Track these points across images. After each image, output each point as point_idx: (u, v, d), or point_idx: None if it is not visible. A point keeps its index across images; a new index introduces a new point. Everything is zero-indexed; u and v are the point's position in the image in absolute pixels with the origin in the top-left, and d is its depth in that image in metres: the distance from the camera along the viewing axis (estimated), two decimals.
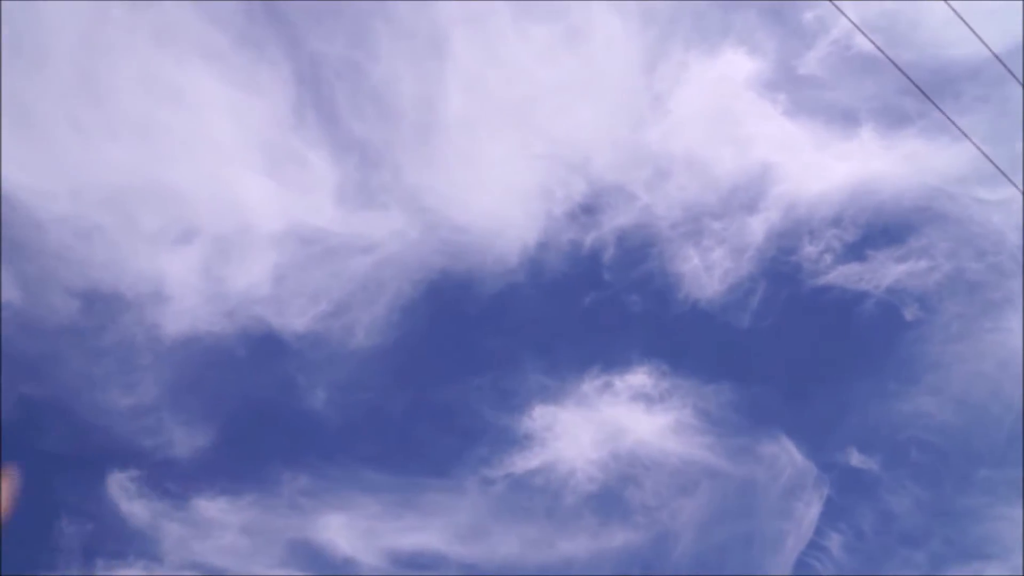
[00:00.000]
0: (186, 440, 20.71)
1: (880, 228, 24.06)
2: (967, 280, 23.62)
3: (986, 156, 11.18)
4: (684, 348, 23.46)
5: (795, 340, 24.16)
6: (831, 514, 22.12)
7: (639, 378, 22.58)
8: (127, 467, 20.25)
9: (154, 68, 21.66)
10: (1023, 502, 21.69)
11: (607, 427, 22.21)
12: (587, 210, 23.59)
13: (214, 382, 21.59)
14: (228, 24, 21.83)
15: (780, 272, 23.76)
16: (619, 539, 21.50)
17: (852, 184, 24.09)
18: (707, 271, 23.48)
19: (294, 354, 21.87)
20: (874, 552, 22.05)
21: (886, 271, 23.59)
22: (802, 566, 21.51)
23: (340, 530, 20.54)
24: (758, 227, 23.81)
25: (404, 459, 21.84)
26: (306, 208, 22.36)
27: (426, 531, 20.90)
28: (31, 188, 20.31)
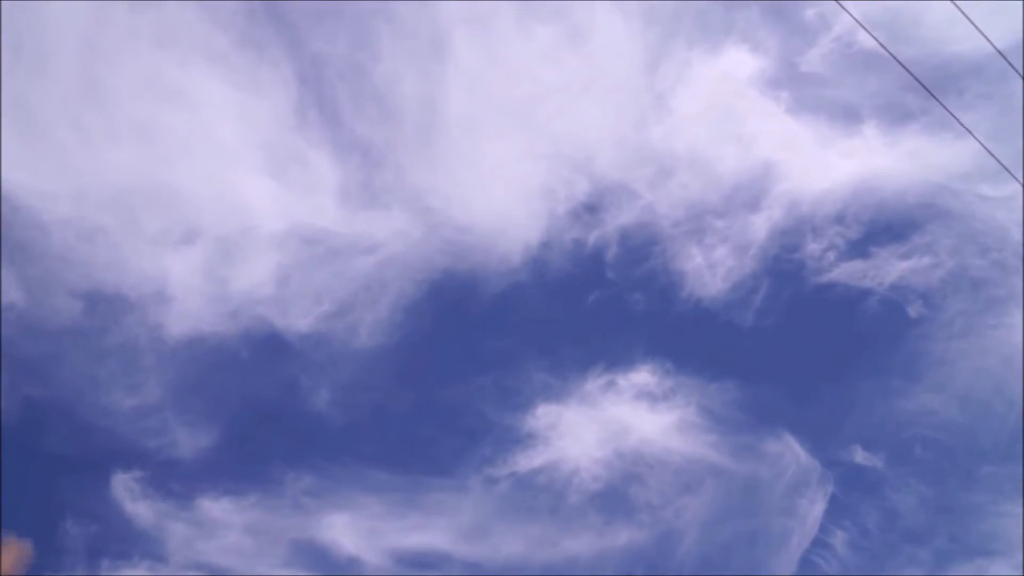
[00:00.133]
0: (190, 440, 20.77)
1: (883, 225, 24.09)
2: (970, 277, 23.63)
3: (988, 151, 11.17)
4: (687, 346, 23.48)
5: (798, 338, 24.18)
6: (835, 511, 22.14)
7: (643, 377, 22.60)
8: (131, 468, 20.32)
9: (156, 69, 21.71)
10: None
11: (611, 426, 22.23)
12: (590, 209, 23.63)
13: (217, 383, 21.65)
14: (230, 25, 21.89)
15: (783, 270, 23.78)
16: (623, 537, 21.51)
17: (855, 181, 24.11)
18: (710, 269, 23.49)
19: (297, 354, 21.92)
20: (878, 549, 22.05)
21: (889, 268, 23.59)
22: (807, 564, 21.52)
23: (344, 530, 20.56)
24: (761, 225, 23.83)
25: (408, 459, 21.87)
26: (309, 208, 22.40)
27: (430, 530, 20.92)
28: (34, 190, 20.37)
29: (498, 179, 23.61)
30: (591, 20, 23.68)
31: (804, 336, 24.25)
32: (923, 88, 10.66)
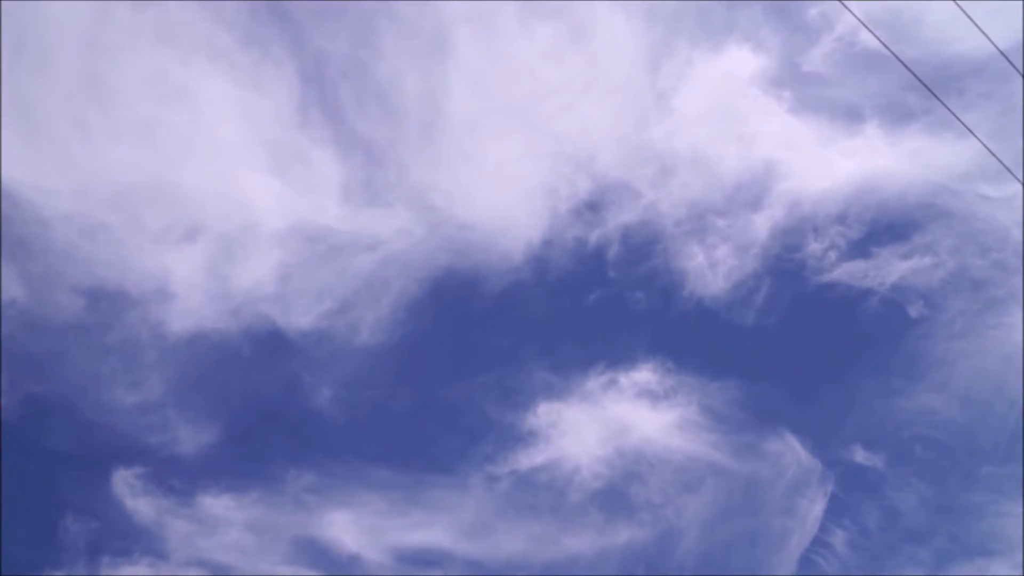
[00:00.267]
0: (191, 437, 20.79)
1: (885, 225, 24.10)
2: (971, 277, 23.64)
3: (990, 151, 11.19)
4: (689, 345, 23.50)
5: (800, 337, 24.20)
6: (836, 511, 22.16)
7: (644, 375, 22.62)
8: (132, 464, 20.34)
9: (158, 67, 21.73)
10: None
11: (612, 424, 22.25)
12: (592, 208, 23.64)
13: (219, 380, 21.68)
14: (232, 23, 21.90)
15: (784, 269, 23.79)
16: (624, 536, 21.54)
17: (856, 181, 24.12)
18: (711, 268, 23.51)
19: (299, 352, 21.95)
20: (878, 549, 22.07)
21: (890, 268, 23.61)
22: (806, 563, 21.54)
23: (345, 527, 20.59)
24: (762, 224, 23.84)
25: (409, 456, 21.89)
26: (311, 206, 22.42)
27: (431, 528, 20.95)
28: (36, 186, 20.39)
29: (500, 177, 23.65)
30: (593, 19, 23.72)
31: (805, 336, 24.31)
32: (925, 88, 10.67)
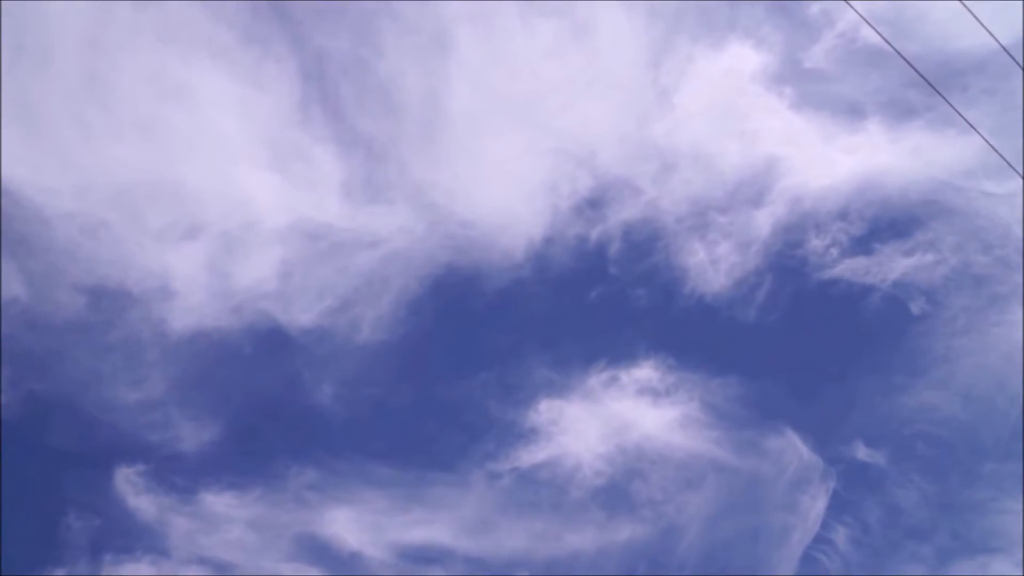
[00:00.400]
0: (193, 435, 20.80)
1: (887, 222, 24.09)
2: (973, 274, 23.63)
3: (992, 147, 11.17)
4: (690, 342, 23.49)
5: (801, 334, 24.19)
6: (837, 508, 22.14)
7: (645, 372, 22.60)
8: (134, 462, 20.35)
9: (159, 65, 21.74)
10: None
11: (613, 421, 22.24)
12: (593, 204, 23.64)
13: (221, 377, 21.68)
14: (233, 21, 21.91)
15: (786, 266, 23.78)
16: (626, 533, 21.54)
17: (858, 177, 24.10)
18: (713, 265, 23.49)
19: (300, 349, 21.95)
20: (880, 546, 22.06)
21: (893, 265, 23.59)
22: (808, 559, 21.53)
23: (347, 524, 20.60)
24: (764, 221, 23.83)
25: (410, 454, 21.90)
26: (312, 204, 22.42)
27: (433, 525, 20.96)
28: (37, 185, 20.40)
29: (501, 175, 23.64)
30: (594, 16, 23.70)
31: (807, 332, 24.29)
32: (927, 84, 10.66)
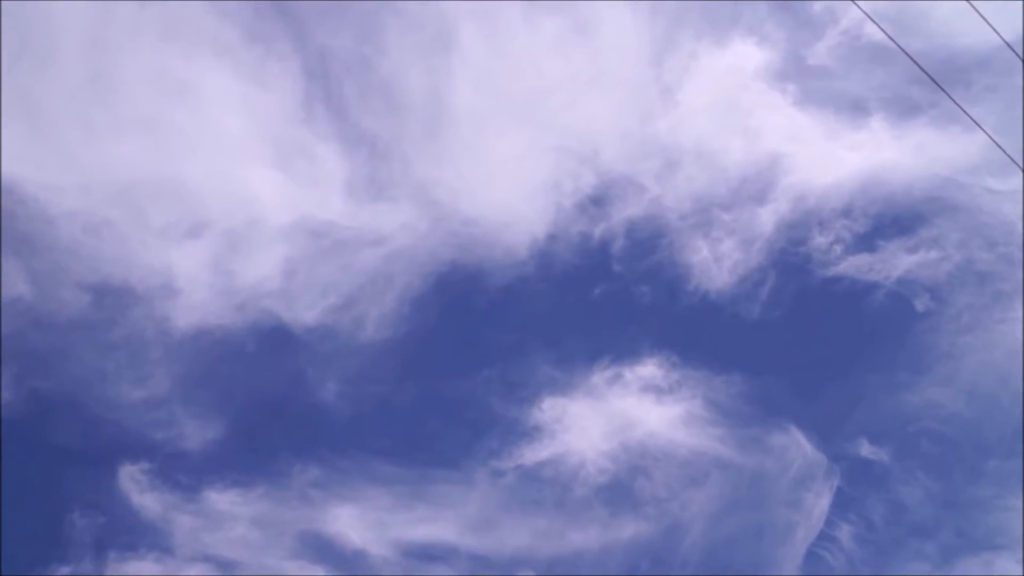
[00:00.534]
0: (197, 433, 20.81)
1: (890, 219, 24.06)
2: (977, 270, 23.60)
3: (997, 144, 11.15)
4: (694, 339, 23.48)
5: (805, 331, 24.16)
6: (841, 505, 22.13)
7: (649, 369, 22.60)
8: (138, 460, 20.37)
9: (162, 63, 21.75)
10: None
11: (617, 419, 22.23)
12: (596, 202, 23.62)
13: (224, 375, 21.69)
14: (237, 19, 21.91)
15: (790, 263, 23.76)
16: (629, 531, 21.53)
17: (862, 174, 24.08)
18: (716, 262, 23.48)
19: (304, 347, 21.96)
20: (884, 543, 22.04)
21: (896, 262, 23.56)
22: (812, 557, 21.52)
23: (351, 522, 20.60)
24: (768, 218, 23.81)
25: (414, 451, 21.90)
26: (315, 202, 22.42)
27: (436, 523, 20.96)
28: (40, 183, 20.41)
29: (504, 172, 23.63)
30: (597, 13, 23.69)
31: (810, 329, 24.27)
32: (930, 81, 10.63)
